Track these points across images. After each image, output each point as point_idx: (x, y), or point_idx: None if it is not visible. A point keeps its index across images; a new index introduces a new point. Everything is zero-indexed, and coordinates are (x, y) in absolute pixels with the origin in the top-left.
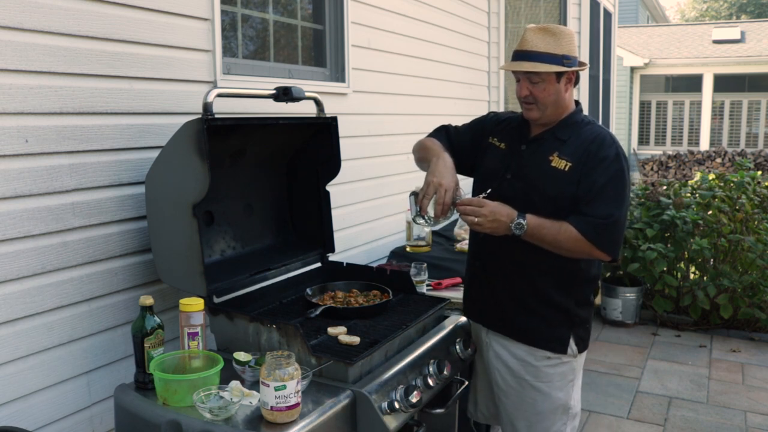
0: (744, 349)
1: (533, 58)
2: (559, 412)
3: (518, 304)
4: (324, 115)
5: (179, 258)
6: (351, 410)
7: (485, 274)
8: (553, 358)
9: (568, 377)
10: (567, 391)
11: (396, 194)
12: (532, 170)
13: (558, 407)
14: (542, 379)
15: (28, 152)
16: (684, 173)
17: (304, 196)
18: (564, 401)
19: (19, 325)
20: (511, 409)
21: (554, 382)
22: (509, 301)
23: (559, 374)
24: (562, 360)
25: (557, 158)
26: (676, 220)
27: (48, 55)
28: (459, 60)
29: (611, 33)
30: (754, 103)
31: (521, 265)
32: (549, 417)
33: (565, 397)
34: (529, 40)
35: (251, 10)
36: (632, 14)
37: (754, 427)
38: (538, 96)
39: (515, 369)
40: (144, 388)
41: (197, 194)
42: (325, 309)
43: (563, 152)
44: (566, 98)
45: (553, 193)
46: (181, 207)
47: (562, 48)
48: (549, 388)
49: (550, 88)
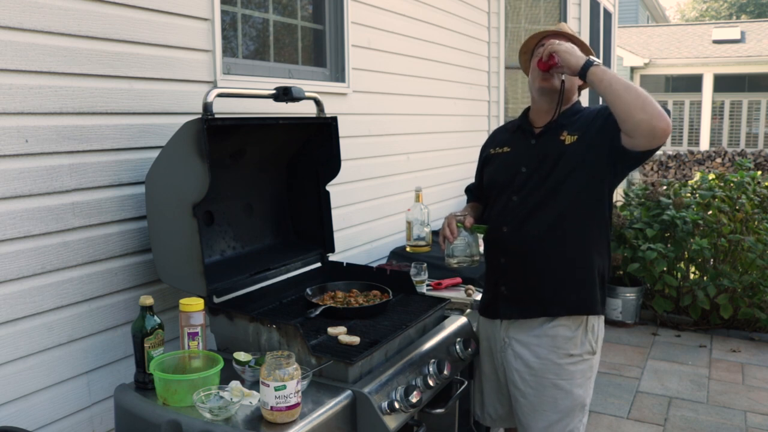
0: (744, 349)
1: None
2: (577, 410)
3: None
4: (324, 115)
5: (179, 258)
6: (351, 410)
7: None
8: (575, 355)
9: (587, 374)
10: (586, 388)
11: (396, 194)
12: (549, 153)
13: (577, 405)
14: (564, 377)
15: (28, 152)
16: (684, 173)
17: (304, 196)
18: (582, 398)
19: (19, 325)
20: (528, 409)
21: (575, 379)
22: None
23: (580, 371)
24: (583, 357)
25: (567, 135)
26: (676, 220)
27: (48, 55)
28: (459, 60)
29: (611, 33)
30: (754, 103)
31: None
32: (569, 415)
33: (584, 394)
34: (563, 27)
35: (251, 10)
36: (632, 14)
37: (754, 427)
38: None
39: (537, 368)
40: (144, 388)
41: (197, 194)
42: (325, 309)
43: (571, 130)
44: (575, 86)
45: (571, 166)
46: (181, 207)
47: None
48: (570, 385)
49: (574, 80)
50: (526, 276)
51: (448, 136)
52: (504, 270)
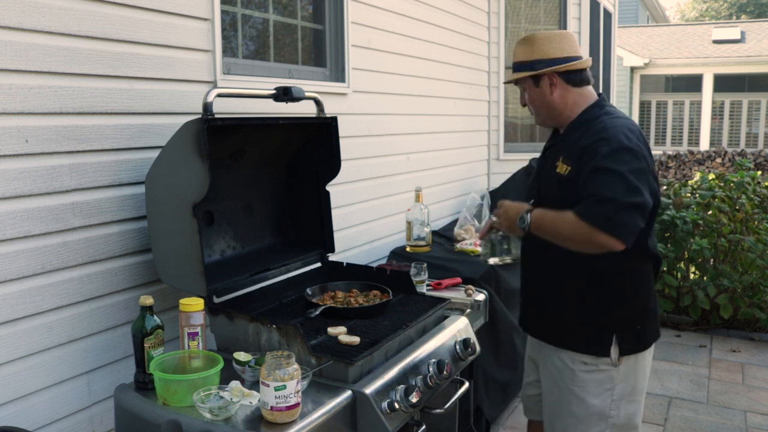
0: (744, 349)
1: (514, 69)
2: (594, 419)
3: (555, 307)
4: (324, 115)
5: (179, 258)
6: (351, 410)
7: (528, 284)
8: (590, 363)
9: (605, 385)
10: (604, 398)
11: (396, 194)
12: (544, 179)
13: (593, 414)
14: (577, 383)
15: (28, 152)
16: (684, 173)
17: (304, 196)
18: (599, 409)
19: (19, 325)
20: (549, 411)
21: (589, 388)
22: (544, 307)
23: (594, 381)
24: (599, 367)
25: (561, 163)
26: (676, 220)
27: (48, 55)
28: (459, 60)
29: (611, 33)
30: (754, 103)
31: (554, 267)
32: (583, 422)
33: (600, 404)
34: (514, 52)
35: (251, 10)
36: (632, 14)
37: (754, 427)
38: (528, 102)
39: (554, 373)
40: (144, 388)
41: (197, 194)
42: (325, 309)
43: (567, 155)
44: (555, 99)
45: (560, 199)
46: (181, 207)
47: (534, 54)
48: (583, 393)
49: (533, 93)
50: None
51: (448, 136)
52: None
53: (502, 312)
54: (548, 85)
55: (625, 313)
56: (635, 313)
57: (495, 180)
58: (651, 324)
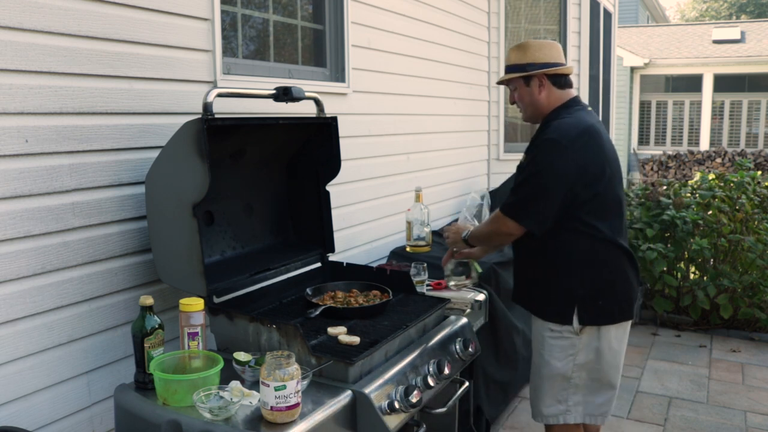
0: (744, 349)
1: (506, 71)
2: (557, 380)
3: (530, 282)
4: (324, 115)
5: (179, 258)
6: (351, 410)
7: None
8: (555, 330)
9: (568, 351)
10: (566, 362)
11: (396, 194)
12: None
13: (556, 375)
14: (545, 348)
15: (28, 152)
16: (684, 173)
17: (304, 196)
18: (563, 371)
19: (19, 325)
20: (531, 371)
21: (554, 352)
22: (525, 281)
23: (559, 347)
24: (563, 335)
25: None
26: (676, 220)
27: (48, 55)
28: (459, 60)
29: (611, 33)
30: (754, 103)
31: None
32: (548, 381)
33: (563, 367)
34: (507, 57)
35: (251, 10)
36: (632, 14)
37: (754, 427)
38: (518, 100)
39: (534, 337)
40: (144, 388)
41: (197, 194)
42: (325, 309)
43: (527, 149)
44: (542, 98)
45: None
46: (181, 207)
47: (527, 58)
48: (549, 356)
49: (523, 92)
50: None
51: (448, 136)
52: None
53: (502, 312)
54: (537, 86)
55: (587, 289)
56: (597, 290)
57: (495, 180)
58: (617, 303)
